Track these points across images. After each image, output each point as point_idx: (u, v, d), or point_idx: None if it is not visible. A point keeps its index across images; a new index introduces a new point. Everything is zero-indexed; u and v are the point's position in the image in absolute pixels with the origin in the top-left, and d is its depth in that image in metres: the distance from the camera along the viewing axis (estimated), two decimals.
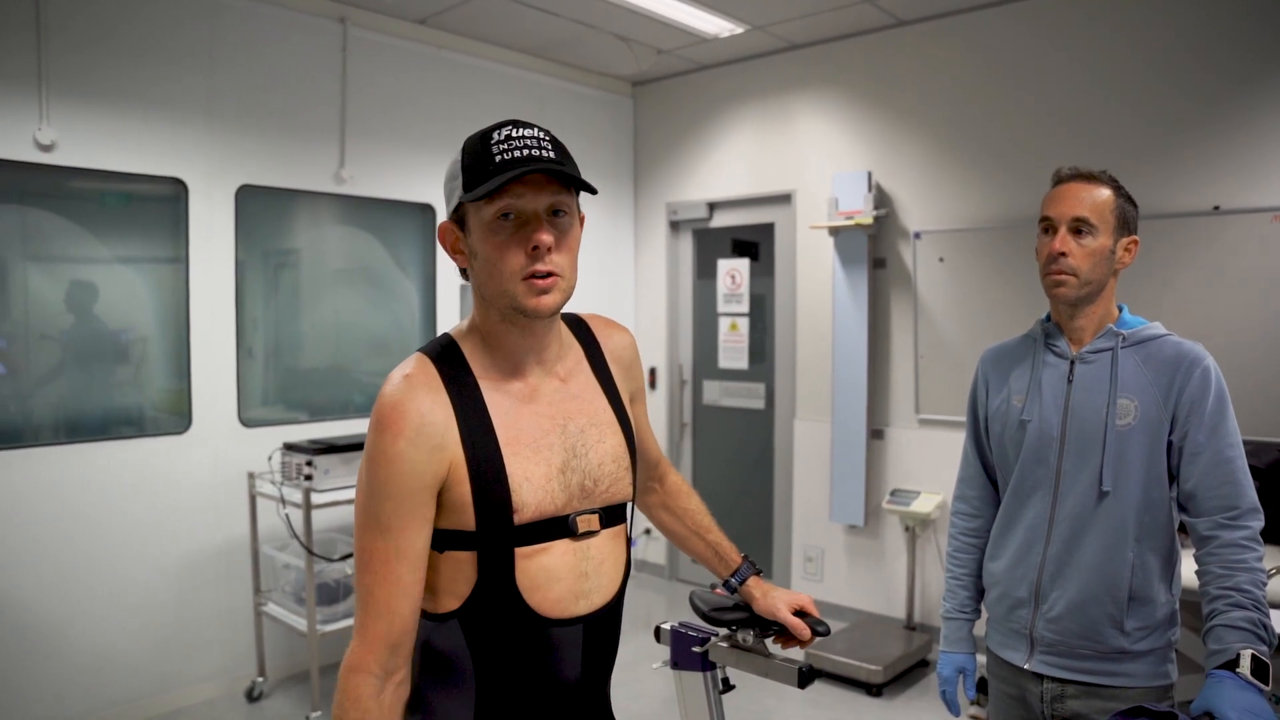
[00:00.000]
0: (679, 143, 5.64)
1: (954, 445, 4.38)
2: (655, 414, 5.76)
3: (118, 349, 3.79)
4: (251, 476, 3.88)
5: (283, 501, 3.72)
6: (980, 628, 2.09)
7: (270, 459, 3.84)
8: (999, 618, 1.99)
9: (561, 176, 1.30)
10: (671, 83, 5.66)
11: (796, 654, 1.84)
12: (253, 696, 3.90)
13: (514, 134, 1.30)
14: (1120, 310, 1.93)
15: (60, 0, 3.46)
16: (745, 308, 5.37)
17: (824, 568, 4.99)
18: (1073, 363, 1.89)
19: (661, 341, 5.77)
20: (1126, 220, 1.87)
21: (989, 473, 2.09)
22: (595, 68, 5.43)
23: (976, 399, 2.08)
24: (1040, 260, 1.91)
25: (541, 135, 1.32)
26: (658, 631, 1.92)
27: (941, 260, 4.44)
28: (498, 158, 1.28)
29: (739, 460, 5.55)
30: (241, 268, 4.02)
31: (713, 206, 5.52)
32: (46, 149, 3.47)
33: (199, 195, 3.85)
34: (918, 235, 4.51)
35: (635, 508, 1.86)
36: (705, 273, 5.67)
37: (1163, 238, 3.71)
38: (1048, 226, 1.90)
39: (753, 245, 5.45)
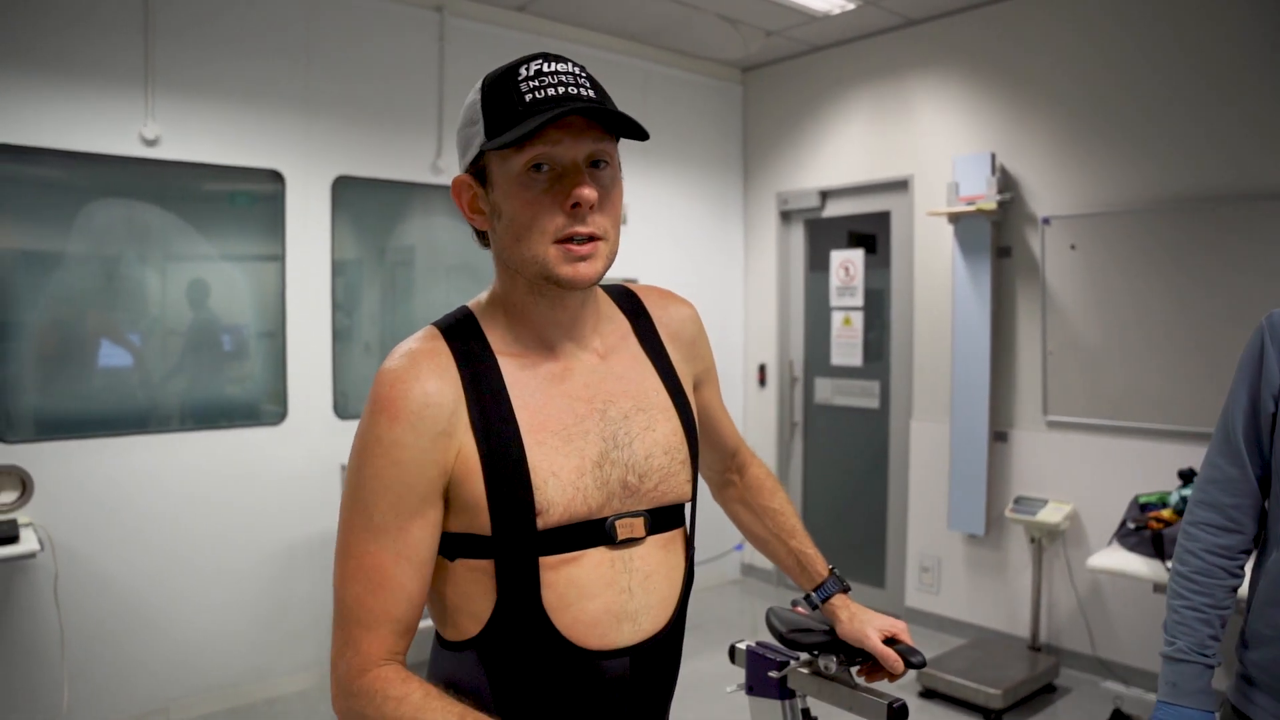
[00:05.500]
0: (790, 129, 5.39)
1: (1086, 450, 4.05)
2: (764, 413, 5.54)
3: (222, 340, 3.84)
4: (344, 469, 3.86)
5: None
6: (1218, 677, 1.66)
7: None
8: None
9: (606, 120, 1.08)
10: (781, 67, 5.42)
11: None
12: None
13: (545, 69, 1.09)
14: None
15: None
16: (859, 301, 5.08)
17: (941, 579, 4.67)
18: None
19: (772, 337, 5.54)
20: None
21: (1261, 476, 1.60)
22: (702, 53, 5.25)
23: (1261, 380, 1.57)
24: None
25: (578, 71, 1.11)
26: (733, 651, 1.72)
27: (1073, 248, 4.06)
28: (528, 96, 1.07)
29: (852, 463, 5.27)
30: (337, 260, 4.02)
31: (825, 195, 5.25)
32: (151, 144, 3.52)
33: (296, 187, 3.86)
34: (1046, 221, 4.14)
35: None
36: (817, 265, 5.40)
37: None
38: None
39: (868, 236, 5.16)
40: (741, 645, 1.71)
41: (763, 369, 5.57)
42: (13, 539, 3.02)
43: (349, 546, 1.09)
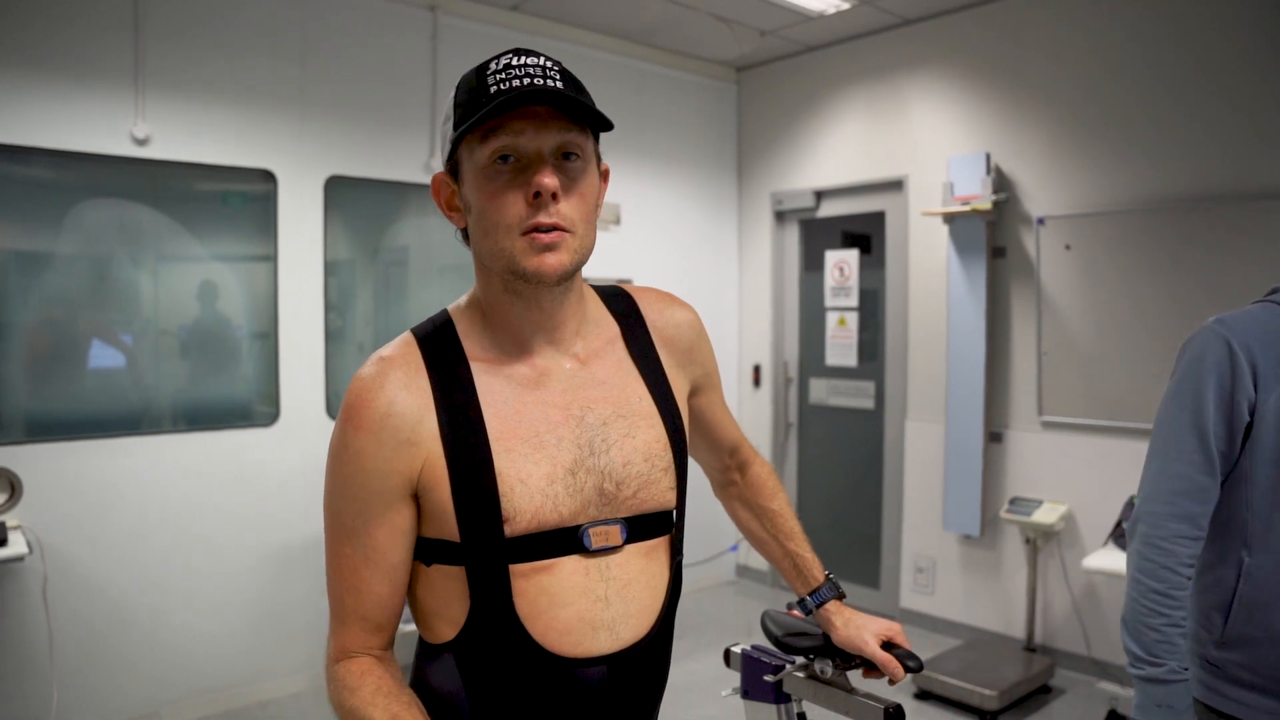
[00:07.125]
0: (784, 129, 5.38)
1: (1082, 451, 4.03)
2: (759, 414, 5.53)
3: (214, 341, 3.81)
4: None
5: None
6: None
7: None
8: None
9: (572, 110, 1.08)
10: (776, 66, 5.41)
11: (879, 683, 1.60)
12: None
13: (514, 62, 1.10)
14: None
15: None
16: (854, 301, 5.07)
17: (935, 580, 4.67)
18: None
19: (766, 338, 5.53)
20: None
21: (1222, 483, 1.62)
22: (697, 53, 5.23)
23: (1236, 388, 1.55)
24: None
25: (549, 64, 1.11)
26: (728, 655, 1.71)
27: (1068, 248, 4.06)
28: (493, 88, 1.07)
29: (846, 463, 5.26)
30: (330, 260, 4.00)
31: (820, 195, 5.24)
32: (141, 143, 3.50)
33: (288, 187, 3.84)
34: (1041, 221, 4.14)
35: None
36: (812, 265, 5.39)
37: None
38: None
39: (863, 236, 5.15)
40: (737, 649, 1.69)
41: (757, 369, 5.56)
42: (1, 541, 3.00)
43: (329, 546, 1.14)
